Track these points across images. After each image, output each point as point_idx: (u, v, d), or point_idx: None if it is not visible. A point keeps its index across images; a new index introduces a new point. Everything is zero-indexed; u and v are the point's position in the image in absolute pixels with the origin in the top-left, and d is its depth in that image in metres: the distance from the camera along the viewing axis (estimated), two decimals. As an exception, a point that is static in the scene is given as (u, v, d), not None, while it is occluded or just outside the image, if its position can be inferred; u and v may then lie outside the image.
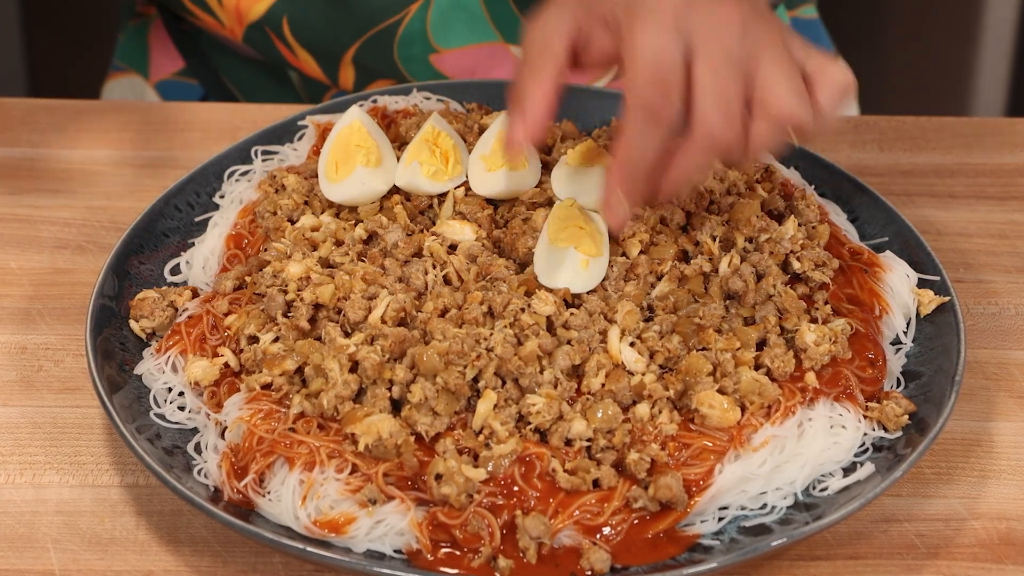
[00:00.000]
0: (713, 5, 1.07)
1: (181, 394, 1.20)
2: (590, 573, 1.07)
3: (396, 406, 1.14)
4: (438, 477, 1.09)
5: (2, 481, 1.19)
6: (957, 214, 1.47)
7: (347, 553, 1.08)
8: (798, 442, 1.14)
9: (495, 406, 1.13)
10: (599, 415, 1.13)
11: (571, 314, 1.19)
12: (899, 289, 1.27)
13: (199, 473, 1.14)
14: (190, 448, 1.17)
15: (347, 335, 1.18)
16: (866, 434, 1.17)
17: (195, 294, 1.28)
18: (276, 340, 1.19)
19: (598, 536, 1.09)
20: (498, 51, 1.58)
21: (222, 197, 1.39)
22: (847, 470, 1.15)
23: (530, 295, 1.20)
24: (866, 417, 1.18)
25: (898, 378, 1.23)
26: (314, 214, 1.31)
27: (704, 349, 1.18)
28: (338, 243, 1.27)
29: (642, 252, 1.25)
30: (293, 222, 1.30)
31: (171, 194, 1.37)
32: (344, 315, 1.19)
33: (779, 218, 1.31)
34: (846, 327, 1.21)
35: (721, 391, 1.15)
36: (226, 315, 1.23)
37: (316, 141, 1.41)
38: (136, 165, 1.52)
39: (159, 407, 1.19)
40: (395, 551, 1.09)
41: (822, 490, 1.14)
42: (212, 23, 1.62)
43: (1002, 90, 2.82)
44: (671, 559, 1.09)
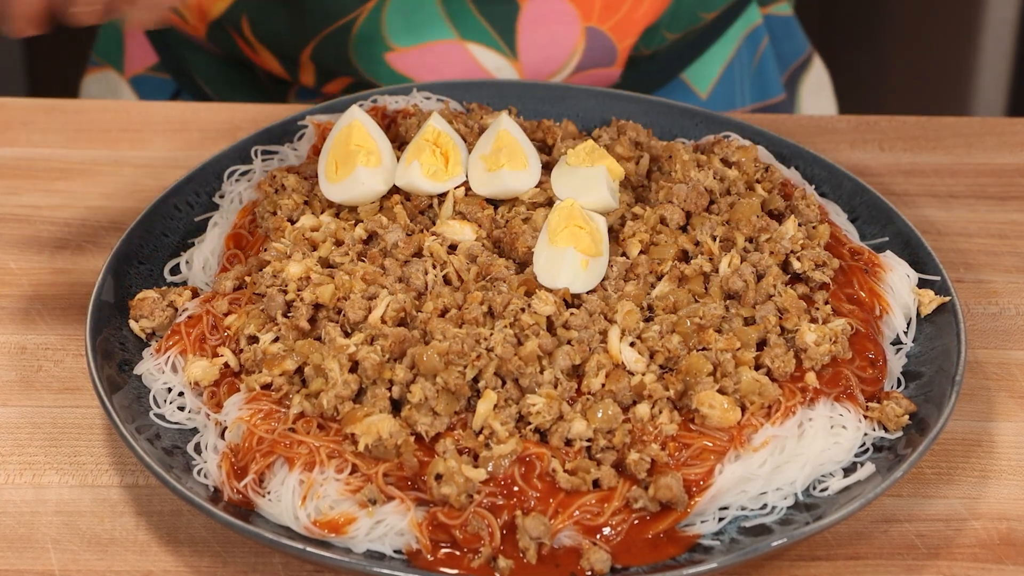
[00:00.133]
0: None
1: (181, 394, 1.20)
2: (590, 573, 1.07)
3: (396, 406, 1.14)
4: (438, 477, 1.09)
5: (2, 481, 1.19)
6: (957, 214, 1.47)
7: (347, 553, 1.08)
8: (798, 442, 1.14)
9: (495, 406, 1.13)
10: (599, 415, 1.13)
11: (571, 314, 1.19)
12: (899, 289, 1.27)
13: (199, 473, 1.14)
14: (190, 448, 1.16)
15: (347, 335, 1.18)
16: (866, 434, 1.17)
17: (195, 294, 1.28)
18: (276, 340, 1.19)
19: (598, 536, 1.09)
20: (454, 48, 1.57)
21: (222, 197, 1.39)
22: (847, 470, 1.15)
23: (530, 295, 1.20)
24: (866, 417, 1.18)
25: (898, 378, 1.23)
26: (314, 214, 1.31)
27: (704, 349, 1.18)
28: (338, 243, 1.27)
29: (642, 252, 1.25)
30: (293, 222, 1.30)
31: (171, 194, 1.36)
32: (344, 315, 1.19)
33: (779, 218, 1.31)
34: (846, 327, 1.21)
35: (721, 391, 1.15)
36: (226, 315, 1.23)
37: (316, 141, 1.41)
38: (136, 165, 1.52)
39: (159, 407, 1.19)
40: (395, 551, 1.09)
41: (822, 490, 1.14)
42: (176, 20, 1.62)
43: (1002, 90, 2.82)
44: (671, 559, 1.09)
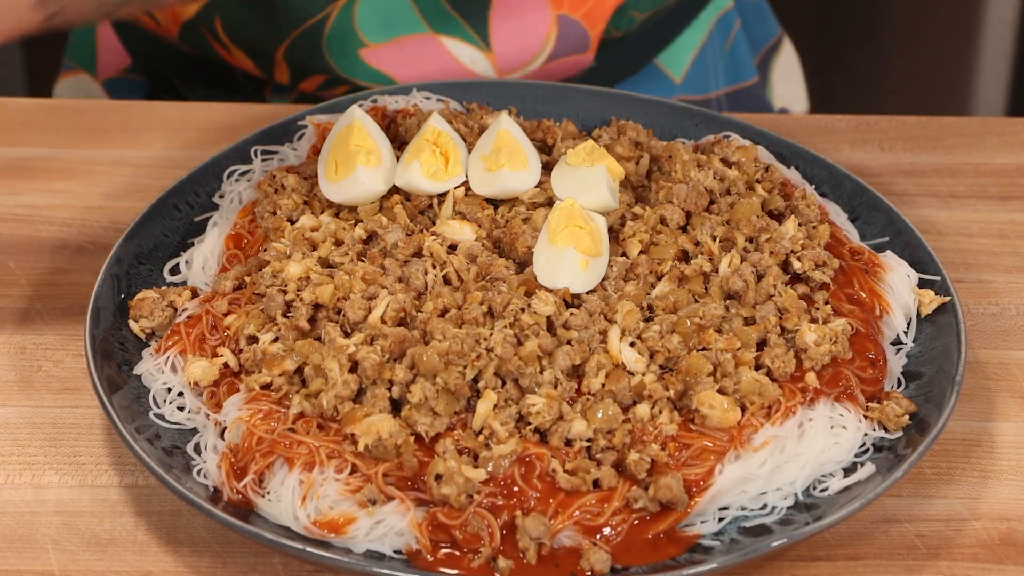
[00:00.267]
0: None
1: (180, 394, 1.20)
2: (590, 573, 1.07)
3: (396, 406, 1.14)
4: (438, 477, 1.09)
5: (1, 481, 1.19)
6: (958, 214, 1.47)
7: (347, 553, 1.08)
8: (798, 442, 1.14)
9: (495, 406, 1.13)
10: (599, 415, 1.13)
11: (571, 314, 1.19)
12: (900, 289, 1.27)
13: (198, 473, 1.14)
14: (189, 448, 1.16)
15: (347, 335, 1.18)
16: (867, 434, 1.17)
17: (194, 294, 1.28)
18: (276, 340, 1.19)
19: (598, 536, 1.09)
20: (428, 42, 1.57)
21: (221, 197, 1.38)
22: (848, 470, 1.15)
23: (530, 295, 1.20)
24: (867, 417, 1.18)
25: (899, 378, 1.23)
26: (314, 214, 1.31)
27: (704, 349, 1.18)
28: (338, 243, 1.27)
29: (642, 252, 1.25)
30: (293, 222, 1.30)
31: (171, 194, 1.36)
32: (344, 315, 1.19)
33: (779, 218, 1.31)
34: (846, 327, 1.21)
35: (721, 391, 1.15)
36: (225, 315, 1.23)
37: (316, 141, 1.41)
38: (135, 165, 1.52)
39: (158, 407, 1.19)
40: (395, 551, 1.09)
41: (822, 490, 1.13)
42: (148, 22, 1.62)
43: (1003, 90, 2.82)
44: (671, 559, 1.09)
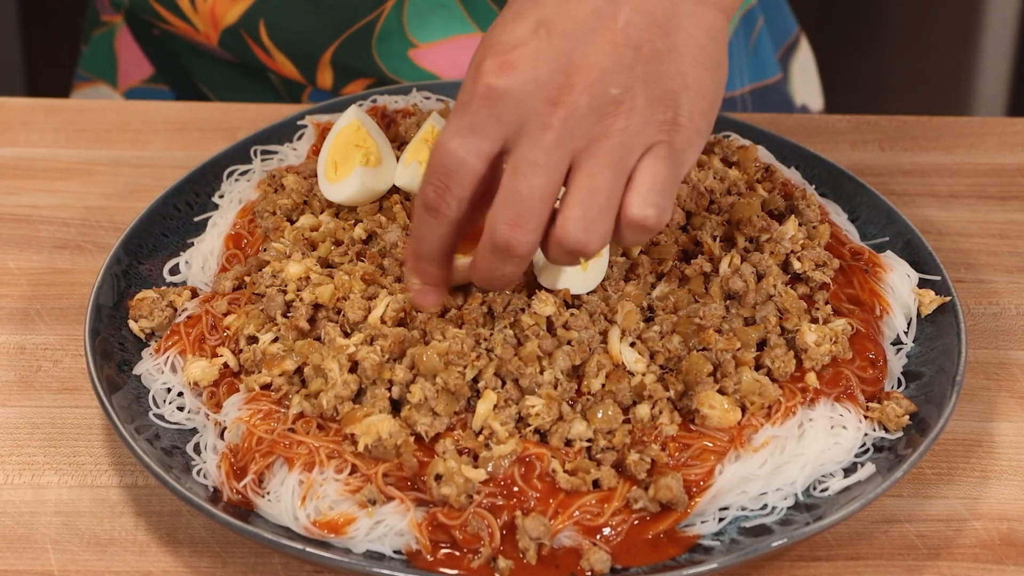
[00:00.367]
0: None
1: (180, 394, 1.20)
2: (590, 574, 1.07)
3: (396, 406, 1.14)
4: (438, 478, 1.09)
5: (1, 481, 1.18)
6: (958, 214, 1.47)
7: (346, 554, 1.08)
8: (799, 442, 1.14)
9: (495, 407, 1.13)
10: (599, 416, 1.13)
11: (571, 314, 1.19)
12: (900, 289, 1.27)
13: (198, 473, 1.14)
14: (189, 448, 1.16)
15: (347, 335, 1.18)
16: (867, 434, 1.17)
17: (194, 294, 1.28)
18: (275, 340, 1.19)
19: (598, 537, 1.09)
20: (476, 42, 1.57)
21: (221, 197, 1.38)
22: (848, 470, 1.15)
23: (530, 295, 1.20)
24: (867, 417, 1.17)
25: (899, 378, 1.22)
26: (313, 214, 1.30)
27: (705, 349, 1.18)
28: (337, 243, 1.26)
29: (642, 252, 1.25)
30: (292, 222, 1.30)
31: (170, 194, 1.36)
32: (343, 315, 1.19)
33: (780, 218, 1.31)
34: (847, 327, 1.20)
35: (722, 391, 1.15)
36: (225, 315, 1.23)
37: (315, 141, 1.40)
38: (135, 165, 1.52)
39: (158, 407, 1.19)
40: (395, 552, 1.09)
41: (823, 491, 1.13)
42: (186, 29, 1.61)
43: (1003, 90, 2.82)
44: (671, 560, 1.09)
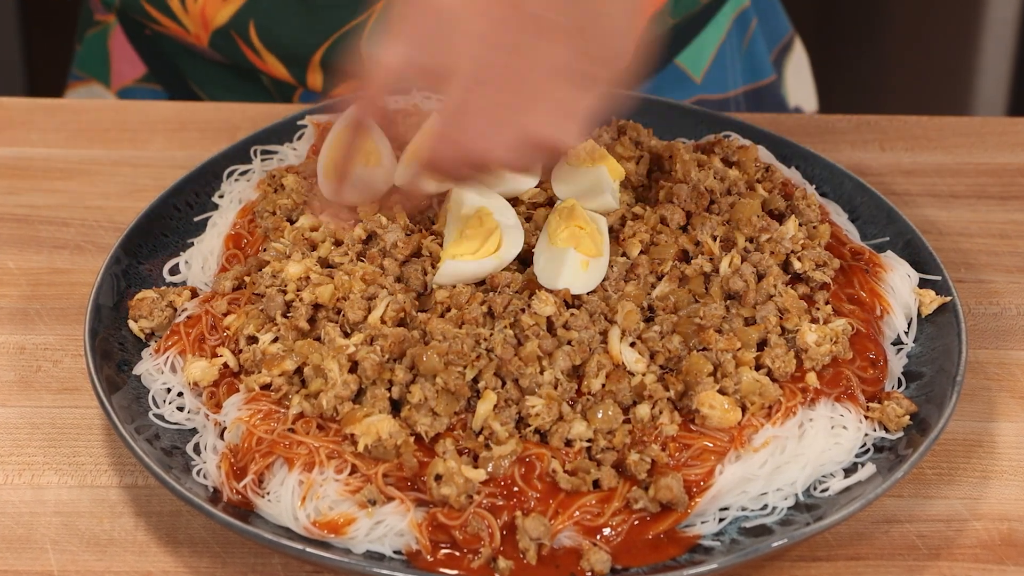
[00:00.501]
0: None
1: (180, 394, 1.20)
2: (590, 574, 1.07)
3: (396, 407, 1.14)
4: (438, 478, 1.09)
5: (0, 482, 1.18)
6: (958, 214, 1.47)
7: (346, 554, 1.08)
8: (799, 443, 1.14)
9: (495, 407, 1.13)
10: (599, 416, 1.13)
11: (571, 315, 1.19)
12: (900, 289, 1.27)
13: (198, 474, 1.14)
14: (189, 449, 1.16)
15: (346, 335, 1.18)
16: (867, 435, 1.17)
17: (194, 294, 1.28)
18: (275, 340, 1.19)
19: (598, 537, 1.09)
20: None
21: (221, 197, 1.38)
22: (848, 471, 1.15)
23: (530, 295, 1.20)
24: (867, 418, 1.17)
25: (899, 378, 1.22)
26: (313, 214, 1.30)
27: (705, 349, 1.18)
28: (337, 243, 1.26)
29: (642, 252, 1.25)
30: (292, 222, 1.30)
31: (170, 194, 1.36)
32: (343, 315, 1.19)
33: (780, 218, 1.31)
34: (847, 327, 1.20)
35: (722, 391, 1.15)
36: (225, 315, 1.23)
37: (315, 141, 1.40)
38: (135, 165, 1.52)
39: (158, 407, 1.19)
40: (395, 552, 1.09)
41: (823, 491, 1.13)
42: (177, 30, 1.61)
43: (1003, 89, 2.82)
44: (671, 560, 1.08)
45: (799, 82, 1.82)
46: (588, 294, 1.21)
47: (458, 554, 1.08)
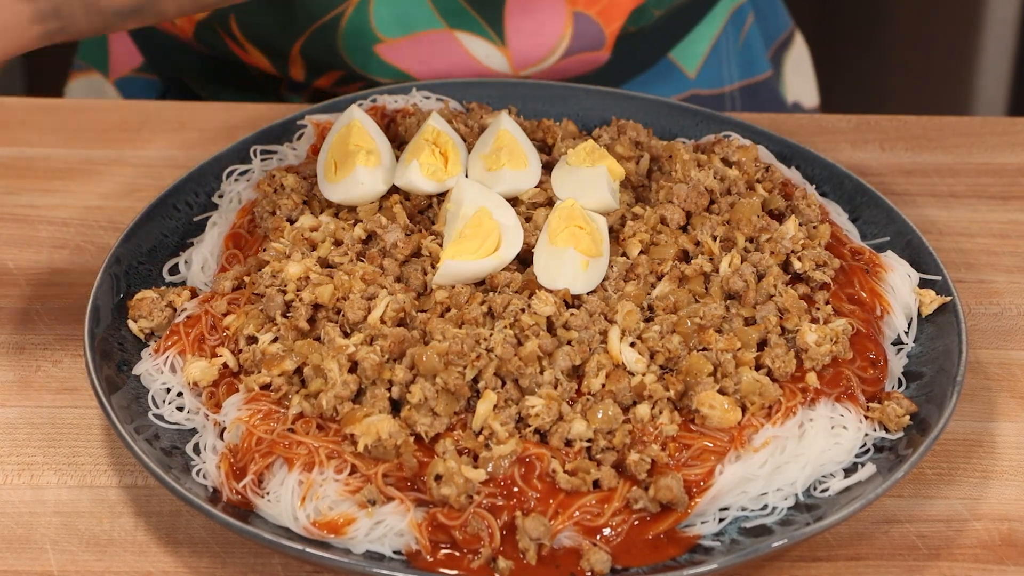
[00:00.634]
0: None
1: (180, 394, 1.20)
2: (590, 574, 1.07)
3: (396, 407, 1.14)
4: (438, 478, 1.08)
5: (0, 482, 1.18)
6: (958, 214, 1.47)
7: (346, 554, 1.08)
8: (799, 443, 1.14)
9: (495, 407, 1.13)
10: (599, 416, 1.13)
11: (571, 314, 1.19)
12: (900, 289, 1.27)
13: (198, 474, 1.14)
14: (189, 449, 1.16)
15: (346, 335, 1.18)
16: (867, 435, 1.17)
17: (194, 294, 1.28)
18: (275, 340, 1.19)
19: (598, 537, 1.09)
20: (443, 38, 1.57)
21: (221, 197, 1.38)
22: (848, 471, 1.15)
23: (530, 295, 1.20)
24: (867, 418, 1.17)
25: (899, 378, 1.22)
26: (313, 214, 1.30)
27: (705, 349, 1.18)
28: (337, 243, 1.26)
29: (642, 252, 1.25)
30: (292, 222, 1.30)
31: (170, 194, 1.36)
32: (343, 315, 1.19)
33: (780, 218, 1.31)
34: (847, 327, 1.20)
35: (722, 391, 1.15)
36: (225, 315, 1.23)
37: (315, 141, 1.40)
38: (134, 165, 1.52)
39: (157, 407, 1.19)
40: (394, 552, 1.09)
41: (823, 491, 1.13)
42: (163, 22, 1.62)
43: (1003, 89, 2.82)
44: (671, 560, 1.08)
45: (800, 77, 1.82)
46: (588, 294, 1.21)
47: (458, 554, 1.08)
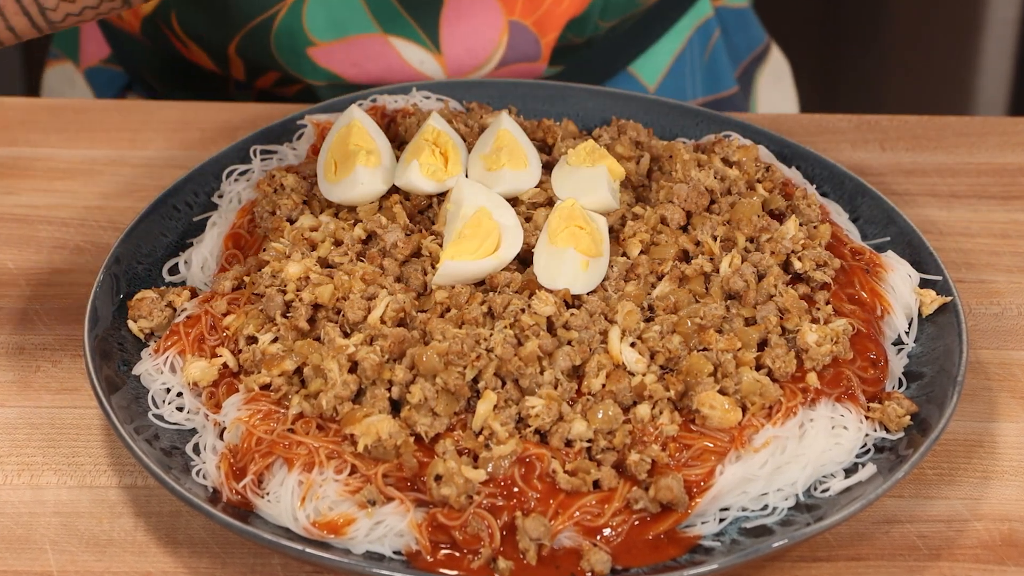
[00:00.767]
0: None
1: (180, 395, 1.20)
2: (590, 574, 1.07)
3: (396, 407, 1.14)
4: (438, 478, 1.08)
5: (0, 482, 1.18)
6: (959, 214, 1.47)
7: (346, 554, 1.08)
8: (799, 443, 1.14)
9: (495, 407, 1.13)
10: (599, 416, 1.12)
11: (571, 314, 1.19)
12: (901, 289, 1.27)
13: (197, 474, 1.14)
14: (188, 449, 1.16)
15: (346, 335, 1.18)
16: (868, 435, 1.17)
17: (193, 294, 1.28)
18: (275, 340, 1.19)
19: (598, 537, 1.08)
20: (377, 42, 1.56)
21: (220, 197, 1.38)
22: (849, 471, 1.15)
23: (530, 295, 1.20)
24: (868, 418, 1.17)
25: (900, 378, 1.22)
26: (313, 214, 1.30)
27: (705, 349, 1.18)
28: (337, 243, 1.26)
29: (642, 252, 1.25)
30: (292, 222, 1.30)
31: (169, 194, 1.36)
32: (343, 315, 1.19)
33: (780, 218, 1.31)
34: (847, 327, 1.20)
35: (722, 392, 1.15)
36: (225, 315, 1.23)
37: (315, 140, 1.40)
38: (134, 165, 1.52)
39: (157, 408, 1.19)
40: (394, 552, 1.09)
41: (823, 491, 1.13)
42: (112, 17, 1.62)
43: (1004, 89, 2.82)
44: (672, 560, 1.08)
45: (777, 92, 1.81)
46: (588, 294, 1.21)
47: (458, 554, 1.08)
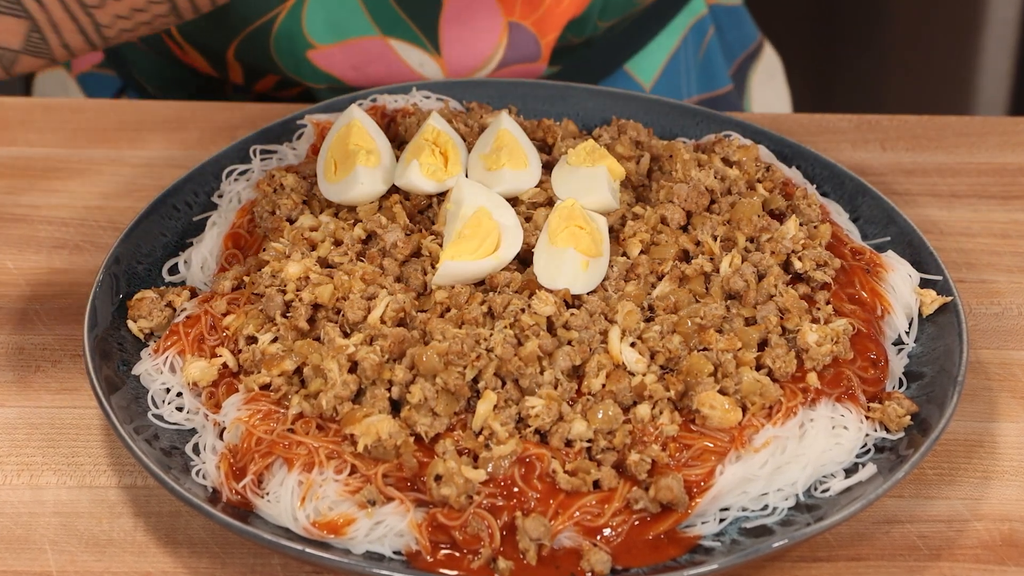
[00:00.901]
0: None
1: (179, 395, 1.19)
2: (590, 574, 1.07)
3: (395, 407, 1.14)
4: (438, 478, 1.08)
5: (0, 482, 1.18)
6: (959, 214, 1.47)
7: (346, 554, 1.08)
8: (800, 443, 1.14)
9: (495, 407, 1.13)
10: (599, 416, 1.12)
11: (571, 314, 1.18)
12: (901, 289, 1.27)
13: (197, 474, 1.14)
14: (188, 449, 1.16)
15: (346, 335, 1.18)
16: (868, 435, 1.17)
17: (193, 294, 1.28)
18: (275, 340, 1.19)
19: (598, 537, 1.08)
20: (376, 45, 1.56)
21: (220, 197, 1.38)
22: (849, 471, 1.15)
23: (530, 295, 1.20)
24: (868, 418, 1.17)
25: (900, 378, 1.22)
26: (313, 214, 1.30)
27: (705, 349, 1.17)
28: (337, 243, 1.26)
29: (642, 252, 1.25)
30: (292, 222, 1.30)
31: (169, 194, 1.36)
32: (343, 315, 1.19)
33: (780, 217, 1.31)
34: (848, 327, 1.20)
35: (722, 392, 1.15)
36: (224, 315, 1.23)
37: (315, 140, 1.40)
38: (134, 164, 1.52)
39: (157, 408, 1.19)
40: (394, 552, 1.09)
41: (824, 491, 1.13)
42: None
43: (1004, 89, 2.82)
44: (672, 560, 1.08)
45: (770, 90, 1.81)
46: (588, 294, 1.21)
47: (458, 554, 1.08)
